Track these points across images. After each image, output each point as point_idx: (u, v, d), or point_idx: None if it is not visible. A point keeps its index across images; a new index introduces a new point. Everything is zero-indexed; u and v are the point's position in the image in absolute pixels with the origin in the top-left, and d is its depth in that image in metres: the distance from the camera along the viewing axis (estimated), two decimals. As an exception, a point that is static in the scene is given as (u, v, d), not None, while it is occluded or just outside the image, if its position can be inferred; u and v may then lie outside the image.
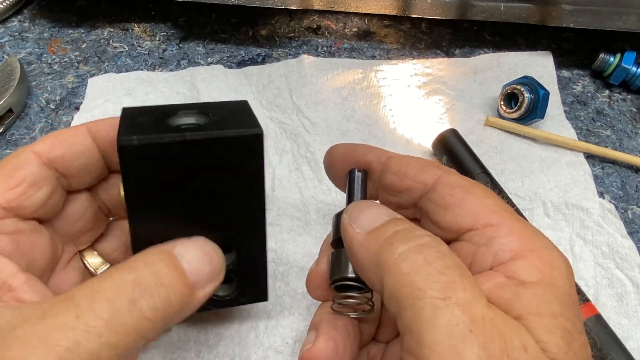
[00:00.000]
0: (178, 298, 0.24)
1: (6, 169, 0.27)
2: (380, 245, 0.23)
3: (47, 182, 0.27)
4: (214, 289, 0.26)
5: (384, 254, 0.23)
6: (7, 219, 0.26)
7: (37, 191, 0.27)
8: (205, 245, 0.26)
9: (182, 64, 0.55)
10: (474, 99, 0.51)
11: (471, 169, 0.43)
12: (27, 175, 0.26)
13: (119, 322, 0.21)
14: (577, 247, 0.41)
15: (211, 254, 0.26)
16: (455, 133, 0.45)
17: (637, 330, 0.37)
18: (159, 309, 0.23)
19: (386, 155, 0.29)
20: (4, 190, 0.26)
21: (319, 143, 0.47)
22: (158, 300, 0.23)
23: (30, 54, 0.55)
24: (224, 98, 0.50)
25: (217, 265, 0.26)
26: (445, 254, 0.22)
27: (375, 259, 0.23)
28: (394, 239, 0.23)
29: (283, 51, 0.56)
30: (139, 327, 0.22)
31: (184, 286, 0.24)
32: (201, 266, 0.25)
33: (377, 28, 0.59)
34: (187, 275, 0.24)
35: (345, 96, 0.51)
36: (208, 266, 0.26)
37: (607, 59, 0.52)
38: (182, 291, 0.24)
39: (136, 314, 0.22)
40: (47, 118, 0.50)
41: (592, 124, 0.51)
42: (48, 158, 0.27)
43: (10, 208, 0.26)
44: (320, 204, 0.43)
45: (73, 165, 0.28)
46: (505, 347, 0.19)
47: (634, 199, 0.45)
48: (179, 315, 0.24)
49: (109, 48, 0.56)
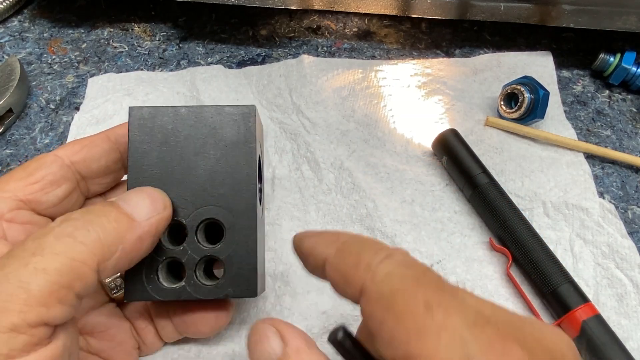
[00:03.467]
0: (112, 224, 0.25)
1: (28, 169, 0.29)
2: None
3: (66, 182, 0.29)
4: (159, 220, 0.27)
5: None
6: (23, 210, 0.28)
7: (56, 189, 0.29)
8: (146, 189, 0.28)
9: (182, 64, 0.55)
10: (474, 99, 0.51)
11: (471, 169, 0.43)
12: (47, 174, 0.28)
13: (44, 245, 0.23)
14: (577, 247, 0.41)
15: (152, 194, 0.28)
16: (455, 133, 0.45)
17: (637, 330, 0.37)
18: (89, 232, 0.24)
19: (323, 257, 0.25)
20: (24, 185, 0.28)
21: (319, 143, 0.47)
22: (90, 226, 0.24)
23: (30, 54, 0.55)
24: (224, 98, 0.50)
25: (157, 198, 0.28)
26: None
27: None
28: None
29: (283, 51, 0.56)
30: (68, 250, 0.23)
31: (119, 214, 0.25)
32: (138, 202, 0.27)
33: (377, 28, 0.59)
34: (121, 207, 0.26)
35: (345, 96, 0.51)
36: (147, 200, 0.27)
37: (607, 59, 0.52)
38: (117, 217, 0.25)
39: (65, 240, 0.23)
40: (47, 118, 0.50)
41: (592, 124, 0.51)
42: (70, 160, 0.30)
43: (28, 201, 0.28)
44: (320, 203, 0.43)
45: (93, 166, 0.30)
46: None
47: (634, 199, 0.45)
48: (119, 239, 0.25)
49: (109, 48, 0.56)
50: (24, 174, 0.28)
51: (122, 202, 0.26)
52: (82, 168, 0.30)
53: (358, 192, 0.44)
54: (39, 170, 0.28)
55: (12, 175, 0.28)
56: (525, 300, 0.38)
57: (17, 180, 0.28)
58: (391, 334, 0.20)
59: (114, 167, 0.32)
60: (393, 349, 0.20)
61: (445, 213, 0.43)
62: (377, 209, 0.43)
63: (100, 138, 0.31)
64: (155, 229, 0.27)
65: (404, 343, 0.20)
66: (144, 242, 0.26)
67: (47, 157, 0.29)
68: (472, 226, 0.42)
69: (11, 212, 0.27)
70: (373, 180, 0.45)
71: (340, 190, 0.44)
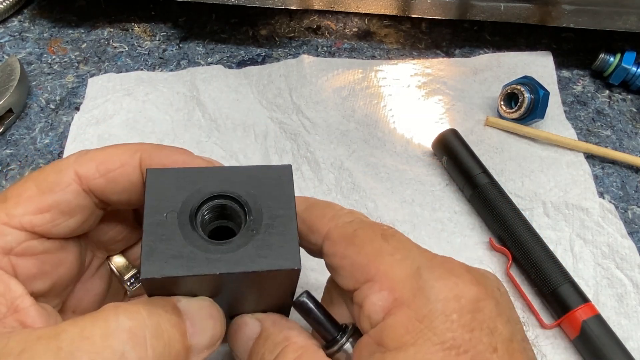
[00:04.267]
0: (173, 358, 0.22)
1: (42, 186, 0.25)
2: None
3: (80, 212, 0.25)
4: (208, 355, 0.24)
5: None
6: (33, 241, 0.25)
7: (68, 220, 0.25)
8: (213, 309, 0.25)
9: (182, 64, 0.55)
10: (474, 99, 0.51)
11: (471, 169, 0.43)
12: (60, 202, 0.25)
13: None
14: (577, 247, 0.41)
15: (216, 318, 0.24)
16: (455, 133, 0.45)
17: (637, 330, 0.37)
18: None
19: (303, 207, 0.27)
20: (33, 212, 0.24)
21: (319, 143, 0.47)
22: (151, 355, 0.21)
23: (30, 54, 0.55)
24: (224, 98, 0.50)
25: (218, 332, 0.25)
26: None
27: None
28: None
29: (283, 51, 0.56)
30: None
31: (182, 347, 0.22)
32: (203, 330, 0.24)
33: (377, 28, 0.59)
34: (187, 336, 0.23)
35: (345, 96, 0.51)
36: (210, 331, 0.24)
37: (607, 59, 0.52)
38: (179, 352, 0.22)
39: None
40: (47, 118, 0.50)
41: (592, 124, 0.51)
42: (89, 187, 0.25)
43: (37, 232, 0.25)
44: (320, 204, 0.43)
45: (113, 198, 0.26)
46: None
47: (634, 199, 0.45)
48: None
49: (109, 48, 0.56)
50: (36, 192, 0.24)
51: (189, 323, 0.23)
52: (101, 196, 0.26)
53: (358, 192, 0.44)
54: (52, 194, 0.24)
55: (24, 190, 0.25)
56: (525, 300, 0.38)
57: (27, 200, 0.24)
58: (352, 262, 0.24)
59: (136, 199, 0.26)
60: (354, 276, 0.23)
61: (445, 213, 0.43)
62: (378, 209, 0.43)
63: (132, 164, 0.26)
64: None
65: (364, 266, 0.23)
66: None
67: (65, 174, 0.25)
68: (472, 226, 0.42)
69: (20, 246, 0.24)
70: (373, 180, 0.45)
71: (340, 191, 0.44)
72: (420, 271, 0.22)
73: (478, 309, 0.22)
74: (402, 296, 0.22)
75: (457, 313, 0.21)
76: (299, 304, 0.25)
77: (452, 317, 0.21)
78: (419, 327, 0.21)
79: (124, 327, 0.20)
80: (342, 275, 0.24)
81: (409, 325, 0.21)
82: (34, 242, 0.25)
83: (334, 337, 0.25)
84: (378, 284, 0.22)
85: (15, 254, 0.24)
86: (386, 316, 0.22)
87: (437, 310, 0.21)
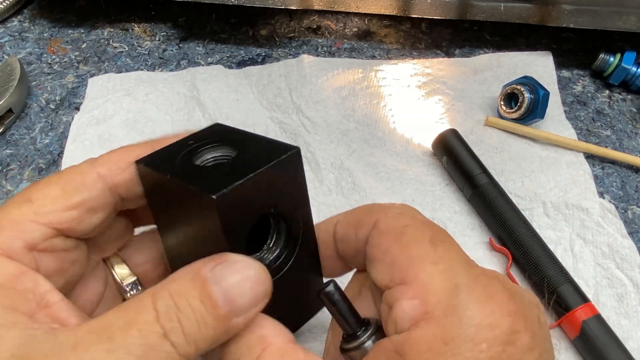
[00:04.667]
0: (209, 332, 0.22)
1: (68, 186, 0.26)
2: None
3: (104, 209, 0.27)
4: (255, 313, 0.23)
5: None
6: (56, 238, 0.25)
7: (92, 217, 0.26)
8: (247, 268, 0.23)
9: (182, 64, 0.55)
10: (474, 99, 0.51)
11: (471, 169, 0.43)
12: (86, 201, 0.26)
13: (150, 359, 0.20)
14: (577, 247, 0.41)
15: (254, 278, 0.23)
16: (455, 133, 0.45)
17: (637, 330, 0.37)
18: (189, 344, 0.21)
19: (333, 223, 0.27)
20: (61, 209, 0.25)
21: (319, 143, 0.47)
22: (189, 337, 0.21)
23: (30, 54, 0.55)
24: (224, 98, 0.50)
25: (260, 291, 0.23)
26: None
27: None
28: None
29: (283, 51, 0.56)
30: None
31: (215, 320, 0.22)
32: (239, 294, 0.23)
33: (377, 28, 0.59)
34: (220, 306, 0.22)
35: (345, 96, 0.51)
36: (248, 293, 0.23)
37: (607, 59, 0.52)
38: (214, 325, 0.22)
39: (168, 349, 0.21)
40: (47, 118, 0.50)
41: (592, 124, 0.51)
42: (113, 183, 0.26)
43: (62, 229, 0.25)
44: (320, 205, 0.43)
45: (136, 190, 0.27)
46: None
47: (634, 199, 0.45)
48: (212, 345, 0.22)
49: (109, 48, 0.56)
50: (62, 193, 0.25)
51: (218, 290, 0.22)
52: (124, 191, 0.27)
53: (358, 192, 0.44)
54: (79, 194, 0.25)
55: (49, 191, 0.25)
56: (525, 300, 0.38)
57: (54, 201, 0.25)
58: (394, 259, 0.23)
59: None
60: (391, 274, 0.23)
61: (445, 213, 0.43)
62: (377, 209, 0.43)
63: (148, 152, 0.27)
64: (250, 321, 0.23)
65: (404, 268, 0.22)
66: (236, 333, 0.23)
67: (89, 175, 0.26)
68: (472, 226, 0.42)
69: (45, 243, 0.25)
70: (373, 180, 0.45)
71: (340, 190, 0.44)
72: (459, 289, 0.21)
73: (511, 341, 0.21)
74: (434, 311, 0.21)
75: (487, 343, 0.20)
76: (325, 293, 0.24)
77: (481, 347, 0.20)
78: (443, 349, 0.20)
79: (161, 311, 0.21)
80: (379, 270, 0.23)
81: (433, 345, 0.20)
82: (57, 240, 0.25)
83: (355, 332, 0.24)
84: (412, 291, 0.22)
85: (40, 250, 0.25)
86: (413, 327, 0.21)
87: (467, 336, 0.20)
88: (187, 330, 0.21)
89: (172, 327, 0.21)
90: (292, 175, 0.26)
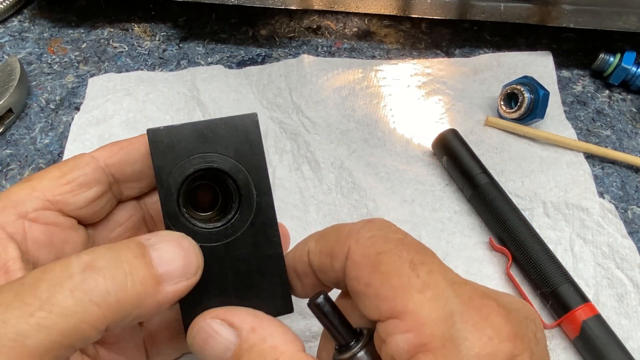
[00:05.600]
0: (137, 287, 0.22)
1: (63, 168, 0.27)
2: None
3: (98, 184, 0.28)
4: (186, 287, 0.24)
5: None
6: (48, 211, 0.27)
7: (86, 191, 0.27)
8: (181, 238, 0.25)
9: (182, 64, 0.55)
10: (474, 99, 0.51)
11: (471, 169, 0.43)
12: (79, 176, 0.27)
13: (55, 302, 0.20)
14: (577, 247, 0.41)
15: (187, 248, 0.25)
16: (455, 133, 0.45)
17: (637, 330, 0.37)
18: (109, 293, 0.21)
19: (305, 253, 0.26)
20: (55, 185, 0.27)
21: (319, 143, 0.47)
22: (110, 284, 0.21)
23: (30, 54, 0.55)
24: (224, 98, 0.50)
25: (192, 261, 0.24)
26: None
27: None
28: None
29: (283, 51, 0.56)
30: (79, 310, 0.20)
31: (147, 275, 0.22)
32: (172, 259, 0.24)
33: (377, 28, 0.59)
34: (153, 265, 0.23)
35: (345, 96, 0.51)
36: (181, 260, 0.24)
37: (607, 59, 0.52)
38: (144, 280, 0.22)
39: (79, 296, 0.20)
40: (47, 118, 0.50)
41: (592, 124, 0.51)
42: (105, 163, 0.28)
43: (55, 202, 0.27)
44: (320, 204, 0.43)
45: (128, 170, 0.29)
46: None
47: (634, 199, 0.45)
48: (137, 308, 0.22)
49: (109, 48, 0.56)
50: (58, 173, 0.27)
51: (154, 253, 0.23)
52: (116, 171, 0.29)
53: (358, 192, 0.44)
54: (72, 171, 0.27)
55: (47, 173, 0.27)
56: (525, 300, 0.38)
57: (50, 179, 0.27)
58: (377, 292, 0.22)
59: (149, 172, 0.29)
60: (378, 308, 0.22)
61: (445, 213, 0.43)
62: (378, 208, 0.43)
63: (139, 141, 0.29)
64: (178, 296, 0.24)
65: (389, 300, 0.21)
66: (160, 308, 0.23)
67: (83, 158, 0.28)
68: (472, 226, 0.42)
69: (36, 212, 0.26)
70: (373, 180, 0.45)
71: (340, 190, 0.44)
72: (453, 317, 0.21)
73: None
74: (431, 343, 0.20)
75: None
76: (315, 305, 0.24)
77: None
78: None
79: (83, 260, 0.21)
80: (365, 304, 0.23)
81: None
82: (49, 213, 0.27)
83: (347, 343, 0.24)
84: (404, 324, 0.21)
85: (29, 219, 0.26)
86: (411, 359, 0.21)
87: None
88: (110, 277, 0.21)
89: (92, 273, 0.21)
90: (243, 136, 0.27)
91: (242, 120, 0.27)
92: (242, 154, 0.27)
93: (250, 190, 0.27)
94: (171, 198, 0.26)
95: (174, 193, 0.26)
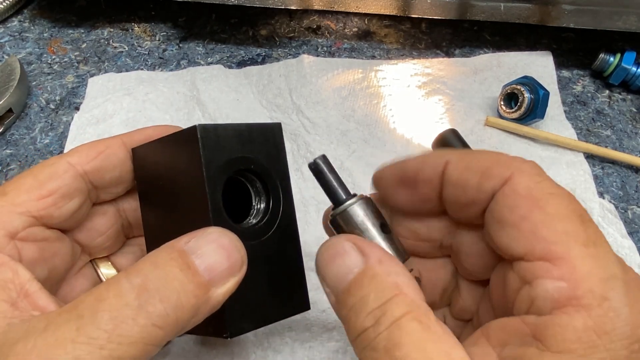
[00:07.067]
0: (191, 301, 0.22)
1: (40, 177, 0.27)
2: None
3: (78, 194, 0.28)
4: (234, 284, 0.24)
5: None
6: (35, 227, 0.26)
7: (68, 202, 0.27)
8: (221, 237, 0.24)
9: (182, 64, 0.55)
10: (474, 99, 0.51)
11: (471, 169, 0.43)
12: (60, 187, 0.27)
13: (122, 332, 0.20)
14: (577, 247, 0.41)
15: (229, 246, 0.24)
16: (455, 133, 0.45)
17: (637, 330, 0.37)
18: (169, 314, 0.21)
19: (443, 162, 0.24)
20: (36, 198, 0.26)
21: (319, 143, 0.47)
22: (168, 306, 0.21)
23: (30, 54, 0.55)
24: (224, 98, 0.50)
25: (237, 259, 0.24)
26: None
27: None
28: None
29: (283, 51, 0.56)
30: (146, 336, 0.21)
31: (197, 287, 0.22)
32: (217, 262, 0.23)
33: (377, 28, 0.59)
34: (200, 274, 0.23)
35: (345, 96, 0.51)
36: (225, 261, 0.23)
37: (607, 59, 0.52)
38: (196, 293, 0.22)
39: (142, 322, 0.21)
40: (47, 118, 0.50)
41: (592, 124, 0.51)
42: (84, 170, 0.28)
43: (39, 217, 0.26)
44: (320, 204, 0.43)
45: (107, 177, 0.28)
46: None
47: (634, 199, 0.45)
48: (194, 317, 0.23)
49: (109, 48, 0.56)
50: (35, 183, 0.26)
51: (198, 260, 0.23)
52: (96, 178, 0.28)
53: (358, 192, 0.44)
54: (51, 181, 0.26)
55: (22, 183, 0.26)
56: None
57: (28, 190, 0.26)
58: (534, 229, 0.20)
59: (127, 177, 0.29)
60: (531, 246, 0.20)
61: (445, 213, 0.43)
62: (377, 209, 0.43)
63: (116, 144, 0.28)
64: (230, 293, 0.24)
65: (548, 242, 0.20)
66: (214, 309, 0.23)
67: (60, 164, 0.27)
68: (472, 226, 0.42)
69: (25, 230, 0.26)
70: (373, 180, 0.45)
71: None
72: (615, 281, 0.19)
73: None
74: (585, 299, 0.19)
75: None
76: (314, 163, 0.25)
77: (634, 347, 0.19)
78: (595, 342, 0.19)
79: (135, 284, 0.22)
80: (512, 237, 0.21)
81: (583, 335, 0.19)
82: (36, 229, 0.26)
83: (343, 200, 0.25)
84: (558, 271, 0.19)
85: (20, 238, 0.26)
86: (556, 311, 0.19)
87: (623, 334, 0.19)
88: (165, 299, 0.21)
89: (148, 297, 0.21)
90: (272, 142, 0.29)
91: (272, 129, 0.29)
92: (271, 158, 0.28)
93: (278, 192, 0.28)
94: (217, 193, 0.26)
95: (219, 189, 0.26)
